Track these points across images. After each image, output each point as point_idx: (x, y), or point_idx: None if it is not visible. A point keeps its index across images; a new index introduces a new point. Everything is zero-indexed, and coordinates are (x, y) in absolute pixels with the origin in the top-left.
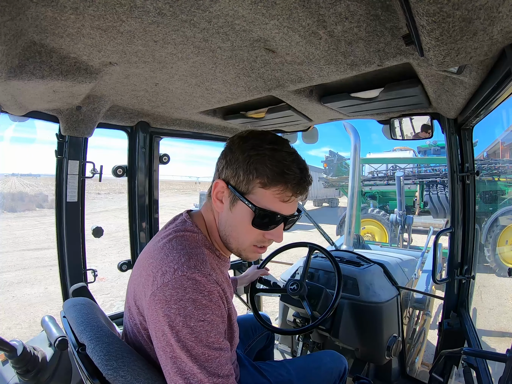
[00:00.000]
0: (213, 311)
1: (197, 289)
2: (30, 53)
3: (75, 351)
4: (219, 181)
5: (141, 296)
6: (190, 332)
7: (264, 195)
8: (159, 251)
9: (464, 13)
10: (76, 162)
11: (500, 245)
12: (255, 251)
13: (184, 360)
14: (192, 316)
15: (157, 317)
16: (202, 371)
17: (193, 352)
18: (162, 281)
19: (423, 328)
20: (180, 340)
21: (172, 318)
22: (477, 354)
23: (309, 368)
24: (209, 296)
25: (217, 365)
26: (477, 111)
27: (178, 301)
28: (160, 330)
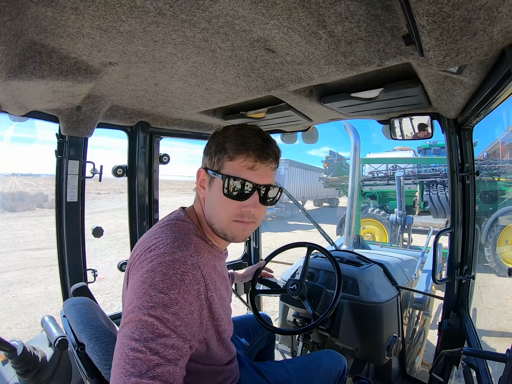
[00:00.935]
0: (180, 291)
1: (171, 266)
2: (30, 53)
3: (75, 351)
4: (200, 170)
5: (127, 271)
6: (147, 300)
7: (232, 166)
8: (150, 236)
9: (464, 13)
10: (76, 162)
11: (500, 245)
12: (237, 226)
13: (132, 324)
14: (156, 287)
15: (132, 283)
16: (141, 339)
17: (144, 318)
18: (145, 257)
19: (423, 328)
20: (136, 306)
21: (138, 285)
22: (477, 354)
23: (309, 369)
24: (181, 276)
25: (161, 343)
26: (477, 111)
27: (149, 271)
28: (128, 297)
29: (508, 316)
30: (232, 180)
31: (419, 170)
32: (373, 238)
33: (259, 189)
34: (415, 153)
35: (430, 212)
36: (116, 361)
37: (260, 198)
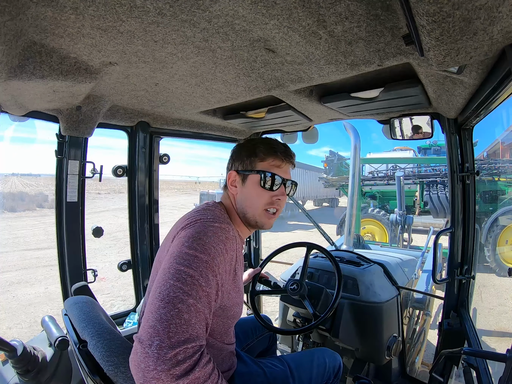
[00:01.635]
0: (222, 249)
1: (216, 230)
2: (30, 53)
3: (76, 348)
4: (231, 172)
5: (164, 254)
6: (191, 252)
7: (263, 165)
8: (190, 213)
9: (464, 13)
10: (76, 162)
11: (500, 245)
12: (268, 216)
13: (165, 282)
14: (201, 241)
15: (170, 253)
16: (180, 285)
17: (180, 276)
18: (190, 224)
19: (423, 328)
20: (180, 255)
21: (185, 239)
22: (477, 354)
23: (304, 361)
24: (225, 239)
25: (196, 290)
26: (477, 111)
27: (197, 232)
28: (167, 261)
29: (508, 316)
30: (267, 175)
31: (419, 170)
32: (373, 238)
33: (285, 183)
34: (415, 153)
35: (430, 212)
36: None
37: (285, 190)
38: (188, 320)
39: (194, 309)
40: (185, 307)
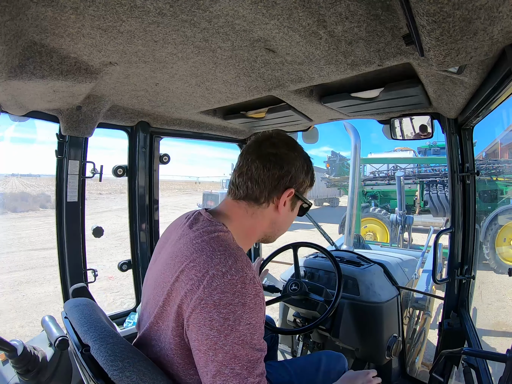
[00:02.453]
0: (257, 313)
1: (245, 293)
2: (30, 53)
3: (79, 352)
4: (290, 190)
5: (179, 301)
6: (237, 336)
7: (305, 192)
8: (200, 253)
9: (464, 13)
10: (77, 162)
11: (498, 243)
12: None
13: (227, 362)
14: (241, 320)
15: (202, 320)
16: (243, 371)
17: (238, 354)
18: (210, 285)
19: (423, 328)
20: (227, 344)
21: (221, 322)
22: (477, 354)
23: (309, 370)
24: (254, 299)
25: (257, 364)
26: (477, 111)
27: (227, 305)
28: (205, 334)
29: (506, 310)
30: (307, 204)
31: (419, 170)
32: (375, 237)
33: None
34: (415, 154)
35: (430, 211)
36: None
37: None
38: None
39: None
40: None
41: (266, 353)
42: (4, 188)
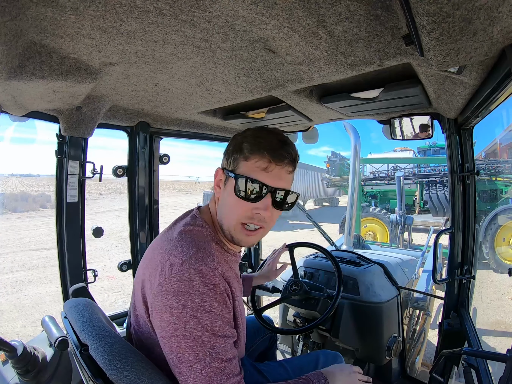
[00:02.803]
0: (219, 302)
1: (203, 281)
2: (30, 53)
3: (77, 352)
4: (218, 169)
5: (147, 286)
6: (197, 323)
7: (246, 166)
8: (168, 242)
9: (464, 13)
10: (76, 162)
11: (498, 243)
12: (244, 232)
13: (190, 349)
14: (199, 307)
15: (163, 307)
16: (206, 357)
17: (200, 341)
18: (170, 272)
19: (423, 328)
20: (187, 330)
21: (180, 309)
22: (477, 354)
23: (307, 368)
24: (214, 289)
25: (221, 350)
26: (477, 111)
27: (185, 293)
28: (166, 320)
29: (505, 309)
30: (244, 180)
31: (419, 170)
32: (375, 236)
33: (273, 192)
34: (415, 154)
35: (429, 210)
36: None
37: (273, 201)
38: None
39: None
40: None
41: (234, 338)
42: (4, 188)
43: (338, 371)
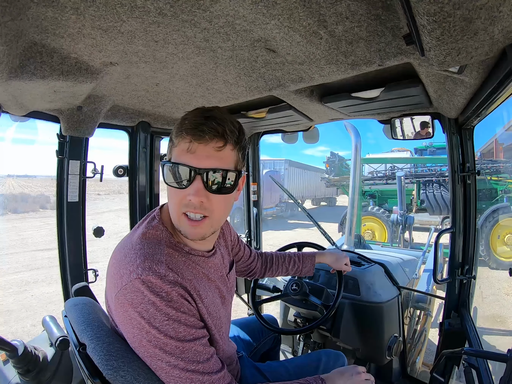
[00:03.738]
0: (177, 309)
1: (153, 291)
2: (31, 53)
3: (76, 351)
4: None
5: (109, 297)
6: (158, 332)
7: (175, 152)
8: (120, 251)
9: (464, 12)
10: (77, 162)
11: (493, 240)
12: (188, 222)
13: (160, 357)
14: (156, 317)
15: (124, 319)
16: (180, 362)
17: (167, 348)
18: (121, 284)
19: (424, 328)
20: (151, 341)
21: (138, 320)
22: (478, 354)
23: (308, 368)
24: (167, 297)
25: (194, 353)
26: (478, 111)
27: (139, 304)
28: (130, 332)
29: (500, 304)
30: (168, 166)
31: (416, 170)
32: (373, 235)
33: (201, 174)
34: (412, 154)
35: (426, 209)
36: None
37: (204, 185)
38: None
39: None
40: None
41: (204, 339)
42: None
43: (338, 376)
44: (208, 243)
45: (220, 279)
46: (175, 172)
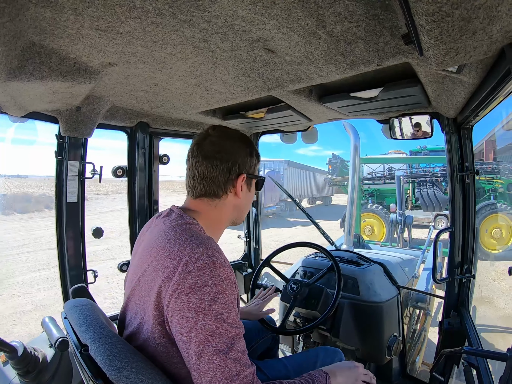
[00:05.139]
0: (230, 293)
1: (217, 275)
2: (29, 54)
3: (78, 352)
4: (243, 175)
5: (158, 289)
6: (215, 314)
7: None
8: (173, 243)
9: (463, 12)
10: (76, 162)
11: (481, 234)
12: None
13: (209, 341)
14: (216, 300)
15: (181, 304)
16: (225, 348)
17: (217, 332)
18: (185, 271)
19: (424, 328)
20: (206, 323)
21: (198, 303)
22: (477, 353)
23: (306, 364)
24: (226, 281)
25: (237, 341)
26: (476, 111)
27: (202, 287)
28: (185, 317)
29: (487, 288)
30: (262, 178)
31: (411, 171)
32: (373, 230)
33: None
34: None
35: (420, 207)
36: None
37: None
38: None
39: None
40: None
41: (243, 331)
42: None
43: (338, 369)
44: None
45: None
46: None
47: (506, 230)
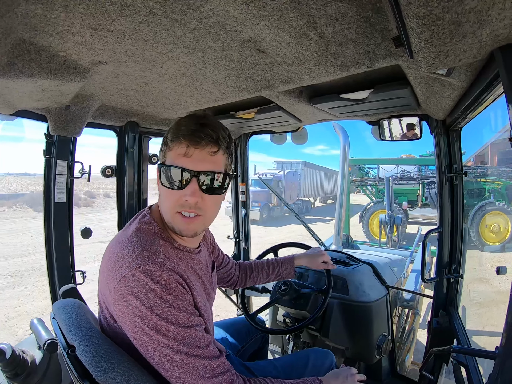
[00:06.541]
0: (176, 296)
1: (153, 279)
2: (19, 51)
3: (65, 353)
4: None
5: (106, 292)
6: (160, 319)
7: (170, 156)
8: (116, 245)
9: (453, 16)
10: (65, 162)
11: (482, 228)
12: (182, 219)
13: (164, 343)
14: (157, 305)
15: (124, 310)
16: (182, 347)
17: (169, 334)
18: (121, 275)
19: (413, 327)
20: (153, 328)
21: (140, 308)
22: (466, 351)
23: (297, 366)
24: (167, 284)
25: (194, 339)
26: (465, 113)
27: (140, 293)
28: (132, 322)
29: (486, 272)
30: (164, 168)
31: (420, 173)
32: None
33: (197, 176)
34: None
35: (429, 205)
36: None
37: (200, 187)
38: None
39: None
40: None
41: (202, 326)
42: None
43: (334, 378)
44: (195, 241)
45: (205, 276)
46: (172, 175)
47: (503, 225)
